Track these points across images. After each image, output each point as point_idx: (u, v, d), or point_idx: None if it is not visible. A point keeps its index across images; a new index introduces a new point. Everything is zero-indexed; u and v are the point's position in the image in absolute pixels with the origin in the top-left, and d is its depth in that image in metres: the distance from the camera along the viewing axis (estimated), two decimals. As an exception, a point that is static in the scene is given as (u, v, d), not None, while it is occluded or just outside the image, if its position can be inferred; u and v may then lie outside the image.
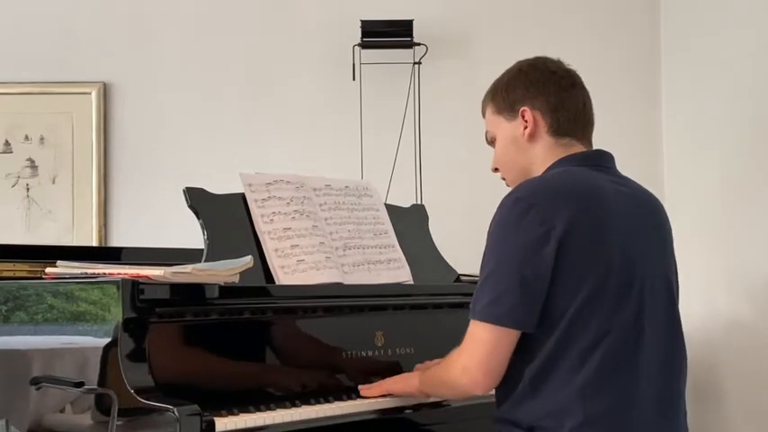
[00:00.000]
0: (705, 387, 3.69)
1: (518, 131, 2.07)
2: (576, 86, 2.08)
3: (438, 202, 3.46)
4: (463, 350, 1.93)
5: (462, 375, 1.93)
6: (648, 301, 1.92)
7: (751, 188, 3.52)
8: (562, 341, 1.85)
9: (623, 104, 4.08)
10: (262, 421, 1.95)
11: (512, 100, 2.08)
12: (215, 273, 2.01)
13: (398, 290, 2.52)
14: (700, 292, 3.76)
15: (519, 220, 1.86)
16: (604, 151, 2.08)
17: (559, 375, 1.85)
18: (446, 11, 4.03)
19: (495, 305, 1.86)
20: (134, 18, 3.98)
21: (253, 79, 4.00)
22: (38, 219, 3.90)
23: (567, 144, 2.05)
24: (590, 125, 2.11)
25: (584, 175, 1.97)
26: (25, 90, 3.91)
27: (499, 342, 1.87)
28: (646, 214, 2.02)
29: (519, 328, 1.87)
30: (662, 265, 2.00)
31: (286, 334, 2.22)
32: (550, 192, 1.91)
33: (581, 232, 1.85)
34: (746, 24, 3.56)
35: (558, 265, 1.84)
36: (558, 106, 2.04)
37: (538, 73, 2.08)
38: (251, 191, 2.38)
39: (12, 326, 2.17)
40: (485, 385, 1.93)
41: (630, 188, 2.03)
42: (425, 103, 3.90)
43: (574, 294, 1.84)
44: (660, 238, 2.04)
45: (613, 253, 1.88)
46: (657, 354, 1.92)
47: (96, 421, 1.89)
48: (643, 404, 1.88)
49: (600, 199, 1.92)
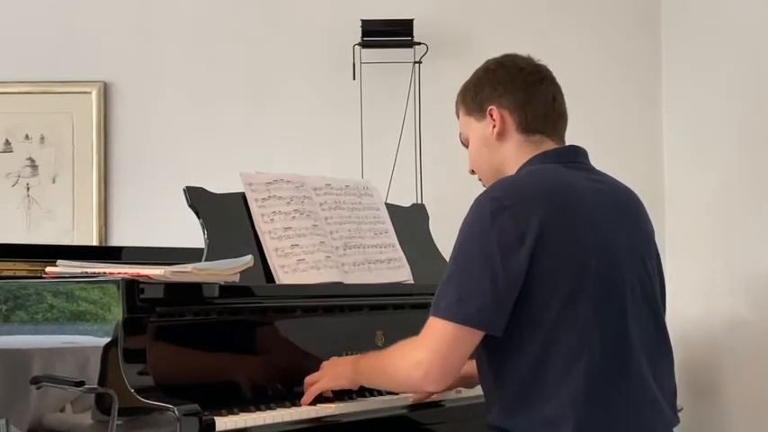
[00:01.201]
0: (705, 387, 3.69)
1: (487, 131, 2.05)
2: (545, 81, 2.05)
3: (438, 202, 3.46)
4: (420, 344, 1.88)
5: (416, 369, 1.87)
6: (630, 300, 1.88)
7: (751, 188, 3.52)
8: (546, 346, 1.81)
9: (624, 105, 4.08)
10: (262, 421, 1.94)
11: (480, 99, 2.06)
12: (215, 272, 2.01)
13: (399, 289, 2.52)
14: (700, 292, 3.76)
15: (493, 221, 1.83)
16: (578, 147, 2.05)
17: (548, 382, 1.81)
18: (446, 10, 4.03)
19: (463, 304, 1.82)
20: (134, 18, 3.99)
21: (253, 78, 4.00)
22: (38, 218, 3.90)
23: (537, 141, 2.02)
24: (561, 120, 2.07)
25: (558, 174, 1.94)
26: (25, 89, 3.91)
27: (461, 341, 1.84)
28: (623, 210, 1.98)
29: (485, 330, 1.83)
30: (641, 261, 1.95)
31: (286, 333, 2.22)
32: (524, 192, 1.88)
33: (556, 233, 1.82)
34: (747, 25, 3.56)
35: (533, 266, 1.81)
36: (525, 102, 2.01)
37: (505, 71, 2.05)
38: (251, 190, 2.38)
39: (12, 325, 2.17)
40: (439, 383, 1.89)
41: (606, 184, 2.00)
42: (426, 102, 3.90)
43: (551, 297, 1.81)
44: (639, 234, 1.99)
45: (590, 252, 1.85)
46: (645, 352, 1.88)
47: (96, 421, 1.89)
48: (637, 406, 1.85)
49: (575, 198, 1.89)
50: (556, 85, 2.07)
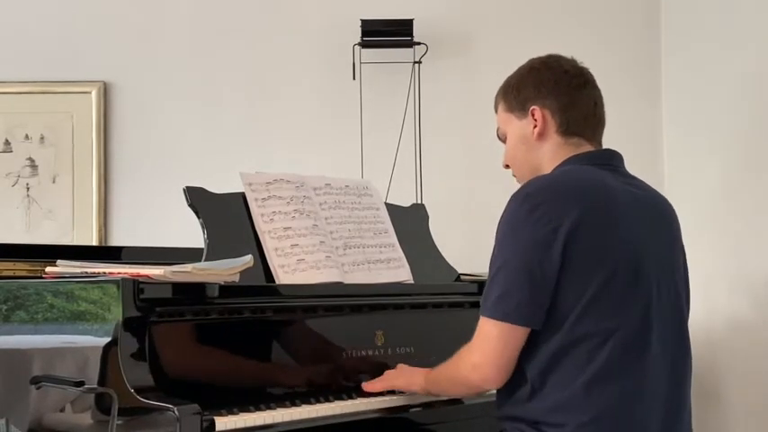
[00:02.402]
0: (705, 387, 3.69)
1: (528, 130, 2.07)
2: (587, 86, 2.08)
3: (438, 202, 3.46)
4: (473, 347, 1.94)
5: (473, 372, 1.94)
6: (656, 300, 1.92)
7: (751, 188, 3.52)
8: (568, 339, 1.85)
9: (624, 104, 4.07)
10: (262, 420, 1.95)
11: (522, 98, 2.08)
12: (215, 272, 2.01)
13: (398, 289, 2.52)
14: (700, 292, 3.75)
15: (527, 218, 1.87)
16: (614, 151, 2.08)
17: (565, 372, 1.85)
18: (446, 10, 4.03)
19: (503, 302, 1.87)
20: (134, 18, 3.98)
21: (253, 78, 4.00)
22: (38, 218, 3.90)
23: (576, 144, 2.05)
24: (600, 125, 2.10)
25: (593, 174, 1.97)
26: (25, 89, 3.91)
27: (508, 338, 1.88)
28: (654, 214, 2.02)
29: (526, 325, 1.87)
30: (670, 264, 2.00)
31: (286, 333, 2.22)
32: (559, 189, 1.92)
33: (588, 230, 1.86)
34: (747, 23, 3.56)
35: (566, 262, 1.85)
36: (568, 106, 2.05)
37: (550, 72, 2.08)
38: (251, 190, 2.38)
39: (12, 325, 2.17)
40: (495, 381, 1.94)
41: (639, 188, 2.04)
42: (425, 102, 3.90)
43: (581, 292, 1.85)
44: (668, 238, 2.03)
45: (621, 251, 1.88)
46: (665, 352, 1.92)
47: (96, 420, 1.89)
48: (650, 403, 1.88)
49: (608, 197, 1.92)
50: (597, 90, 2.10)
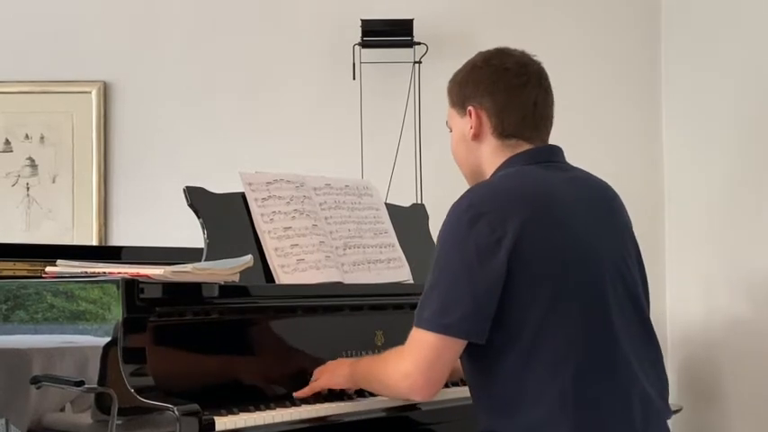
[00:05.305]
0: (705, 387, 3.69)
1: (466, 129, 2.03)
2: (528, 84, 2.00)
3: (438, 202, 3.45)
4: (406, 355, 1.89)
5: (403, 380, 1.89)
6: (612, 296, 1.87)
7: (751, 189, 3.52)
8: (530, 350, 1.81)
9: (623, 105, 4.08)
10: (262, 420, 1.95)
11: (462, 96, 2.05)
12: (215, 272, 2.01)
13: (398, 289, 2.51)
14: (700, 292, 3.76)
15: (469, 229, 1.83)
16: (552, 146, 2.03)
17: (532, 386, 1.81)
18: (446, 10, 4.03)
19: (445, 314, 1.82)
20: (134, 18, 3.98)
21: (253, 78, 4.00)
22: (38, 218, 3.90)
23: (513, 145, 2.00)
24: (543, 124, 2.02)
25: (534, 176, 1.93)
26: (26, 89, 3.91)
27: (445, 351, 1.84)
28: (600, 206, 1.98)
29: (468, 339, 1.84)
30: (621, 256, 1.94)
31: (286, 333, 2.22)
32: (500, 197, 1.87)
33: (533, 236, 1.82)
34: (747, 24, 3.56)
35: (512, 271, 1.80)
36: (504, 107, 1.99)
37: (490, 70, 2.02)
38: (251, 190, 2.38)
39: (12, 325, 2.17)
40: (423, 393, 1.90)
41: (581, 180, 1.99)
42: (425, 102, 3.90)
43: (533, 300, 1.81)
44: (617, 229, 1.99)
45: (569, 253, 1.85)
46: (631, 347, 1.88)
47: (96, 420, 1.89)
48: (627, 402, 1.84)
49: (551, 199, 1.88)
50: (540, 88, 2.01)
